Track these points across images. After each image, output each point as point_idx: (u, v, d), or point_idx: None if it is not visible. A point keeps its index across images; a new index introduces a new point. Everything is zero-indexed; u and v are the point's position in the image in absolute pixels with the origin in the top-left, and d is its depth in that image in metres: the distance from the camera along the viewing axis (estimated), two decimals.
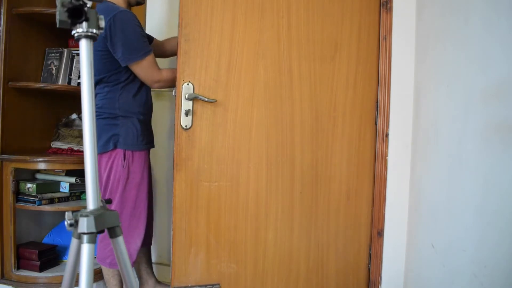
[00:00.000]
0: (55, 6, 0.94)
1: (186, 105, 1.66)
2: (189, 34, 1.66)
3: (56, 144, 2.13)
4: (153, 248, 2.19)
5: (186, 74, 1.66)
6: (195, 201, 1.71)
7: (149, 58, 1.63)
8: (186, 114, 1.66)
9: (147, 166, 1.74)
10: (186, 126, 1.68)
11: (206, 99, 1.67)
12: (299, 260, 1.84)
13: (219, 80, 1.71)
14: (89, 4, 0.81)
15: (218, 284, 1.74)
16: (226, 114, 1.73)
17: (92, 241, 0.82)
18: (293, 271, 1.84)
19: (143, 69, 1.64)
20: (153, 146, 1.83)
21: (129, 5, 1.76)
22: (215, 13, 1.69)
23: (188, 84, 1.66)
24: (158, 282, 1.94)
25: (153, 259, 2.19)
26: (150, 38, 1.88)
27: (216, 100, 1.69)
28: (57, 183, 2.01)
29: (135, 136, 1.67)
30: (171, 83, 1.71)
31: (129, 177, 1.65)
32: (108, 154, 1.63)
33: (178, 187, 1.68)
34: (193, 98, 1.66)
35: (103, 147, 1.62)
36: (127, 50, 1.56)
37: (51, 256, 1.96)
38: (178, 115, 1.67)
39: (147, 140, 1.73)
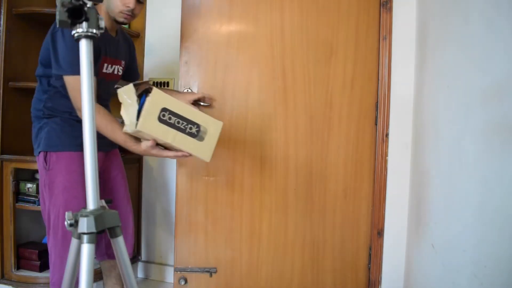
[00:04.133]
0: (55, 6, 0.94)
1: None
2: (189, 47, 1.85)
3: None
4: (153, 249, 2.19)
5: (186, 81, 1.84)
6: (195, 193, 1.87)
7: (77, 79, 1.32)
8: None
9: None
10: None
11: (202, 103, 1.81)
12: (294, 253, 1.90)
13: (215, 85, 1.86)
14: (89, 4, 0.81)
15: (215, 268, 1.88)
16: (223, 116, 1.85)
17: (92, 241, 0.82)
18: (287, 263, 1.90)
19: (69, 87, 1.35)
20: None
21: (114, 22, 1.47)
22: (212, 27, 1.84)
23: (188, 90, 1.84)
24: None
25: (153, 259, 2.19)
26: (133, 76, 1.74)
27: (210, 104, 1.85)
28: None
29: (55, 135, 1.41)
30: (102, 131, 1.37)
31: (55, 181, 1.40)
32: (37, 158, 1.46)
33: (180, 180, 1.87)
34: (191, 103, 1.77)
35: (35, 151, 1.47)
36: (61, 61, 1.33)
37: None
38: None
39: (80, 142, 1.43)
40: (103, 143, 1.51)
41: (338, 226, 1.90)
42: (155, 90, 1.25)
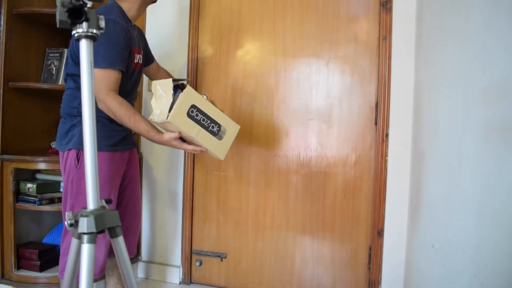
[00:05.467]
0: (55, 6, 0.94)
1: None
2: (204, 59, 2.10)
3: None
4: (153, 249, 2.19)
5: (203, 88, 2.09)
6: (209, 186, 2.11)
7: (105, 71, 1.37)
8: None
9: (115, 170, 1.50)
10: None
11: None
12: (295, 247, 1.99)
13: (226, 91, 2.06)
14: (89, 4, 0.81)
15: (225, 254, 2.09)
16: (232, 118, 2.04)
17: (92, 241, 0.82)
18: (288, 257, 2.00)
19: (95, 78, 1.35)
20: (122, 150, 1.55)
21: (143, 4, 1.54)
22: (222, 43, 2.07)
23: (204, 96, 2.01)
24: None
25: (154, 259, 2.19)
26: (150, 59, 1.77)
27: (220, 108, 2.03)
28: (57, 183, 2.01)
29: None
30: (121, 122, 1.42)
31: (84, 179, 1.47)
32: (63, 154, 1.46)
33: (197, 174, 2.13)
34: None
35: (60, 146, 1.48)
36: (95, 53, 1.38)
37: (51, 256, 1.96)
38: None
39: (111, 142, 1.48)
40: (131, 142, 1.60)
41: (338, 224, 1.93)
42: (188, 87, 1.38)
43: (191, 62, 2.09)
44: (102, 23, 0.85)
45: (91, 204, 0.86)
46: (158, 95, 1.40)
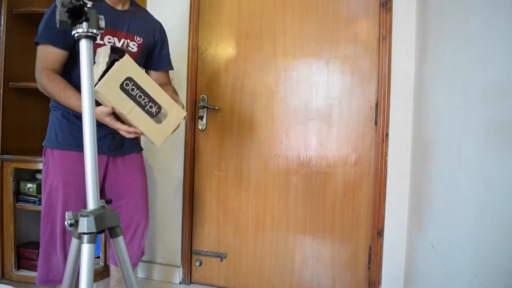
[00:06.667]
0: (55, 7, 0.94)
1: (201, 111, 2.07)
2: (204, 59, 2.09)
3: None
4: (155, 249, 2.19)
5: (203, 89, 2.09)
6: (209, 186, 2.11)
7: (39, 49, 1.32)
8: (201, 118, 2.07)
9: (66, 170, 1.38)
10: (201, 128, 2.09)
11: (211, 107, 2.05)
12: (295, 247, 1.99)
13: (226, 91, 2.07)
14: (89, 4, 0.81)
15: (225, 254, 2.08)
16: (232, 118, 2.05)
17: (93, 241, 0.82)
18: (288, 257, 2.00)
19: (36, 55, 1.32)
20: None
21: None
22: (222, 43, 2.07)
23: (204, 96, 2.05)
24: None
25: (156, 259, 2.19)
26: (157, 66, 1.59)
27: (220, 108, 2.06)
28: None
29: (54, 130, 1.38)
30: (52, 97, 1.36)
31: (47, 179, 1.38)
32: None
33: (197, 174, 2.13)
34: (204, 107, 2.05)
35: None
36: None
37: None
38: (196, 119, 2.10)
39: (77, 142, 1.35)
40: (112, 147, 1.45)
41: (338, 224, 1.93)
42: (127, 57, 1.19)
43: (191, 62, 2.09)
44: (102, 23, 0.85)
45: (91, 204, 0.86)
46: (97, 63, 1.21)
